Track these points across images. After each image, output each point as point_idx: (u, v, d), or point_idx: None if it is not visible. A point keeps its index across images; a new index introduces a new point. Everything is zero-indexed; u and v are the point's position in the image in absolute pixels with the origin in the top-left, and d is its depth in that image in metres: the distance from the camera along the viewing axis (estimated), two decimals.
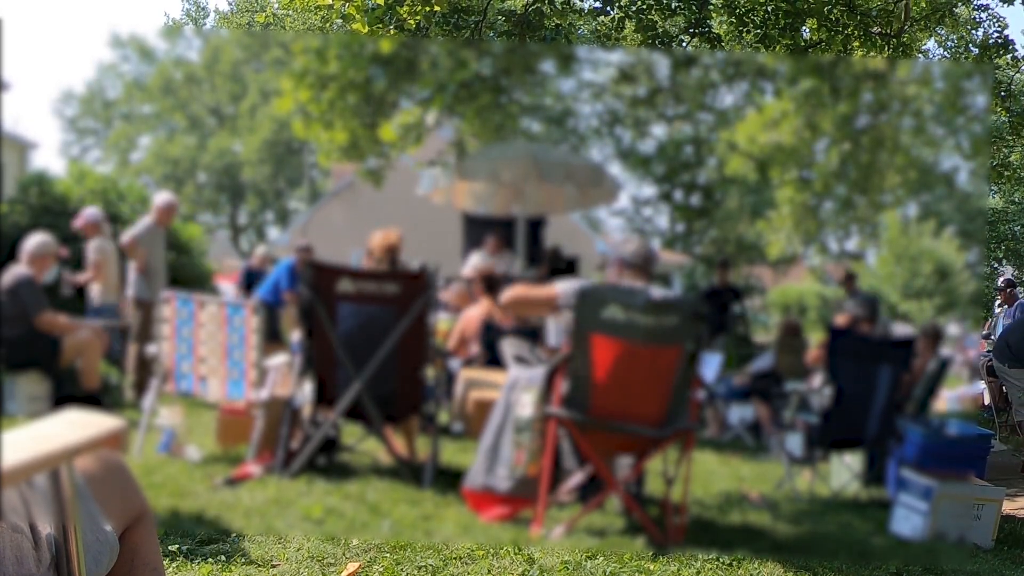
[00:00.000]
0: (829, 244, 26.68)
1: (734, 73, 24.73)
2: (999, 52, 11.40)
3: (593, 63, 26.33)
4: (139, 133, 38.59)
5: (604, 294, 4.31)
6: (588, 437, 4.37)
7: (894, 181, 13.46)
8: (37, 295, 6.83)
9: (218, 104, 37.69)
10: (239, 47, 35.65)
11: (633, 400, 4.30)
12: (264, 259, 11.54)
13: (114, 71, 39.53)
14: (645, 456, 4.58)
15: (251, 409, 5.65)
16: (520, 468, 4.49)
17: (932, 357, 6.69)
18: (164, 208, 8.18)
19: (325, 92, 10.04)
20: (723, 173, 23.88)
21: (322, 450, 5.41)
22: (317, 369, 5.37)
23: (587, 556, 3.72)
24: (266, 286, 8.86)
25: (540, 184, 11.09)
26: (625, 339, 4.24)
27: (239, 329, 5.63)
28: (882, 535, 4.78)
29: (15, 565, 1.66)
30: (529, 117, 24.95)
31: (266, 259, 11.61)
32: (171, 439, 5.63)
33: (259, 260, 11.50)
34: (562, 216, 18.62)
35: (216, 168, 36.37)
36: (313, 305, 5.26)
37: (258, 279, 11.22)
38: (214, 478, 4.99)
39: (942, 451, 5.03)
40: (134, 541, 1.95)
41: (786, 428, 6.26)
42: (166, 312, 5.81)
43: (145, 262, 7.88)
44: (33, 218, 9.32)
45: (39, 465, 1.55)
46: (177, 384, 5.85)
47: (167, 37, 37.24)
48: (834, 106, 11.65)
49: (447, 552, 3.69)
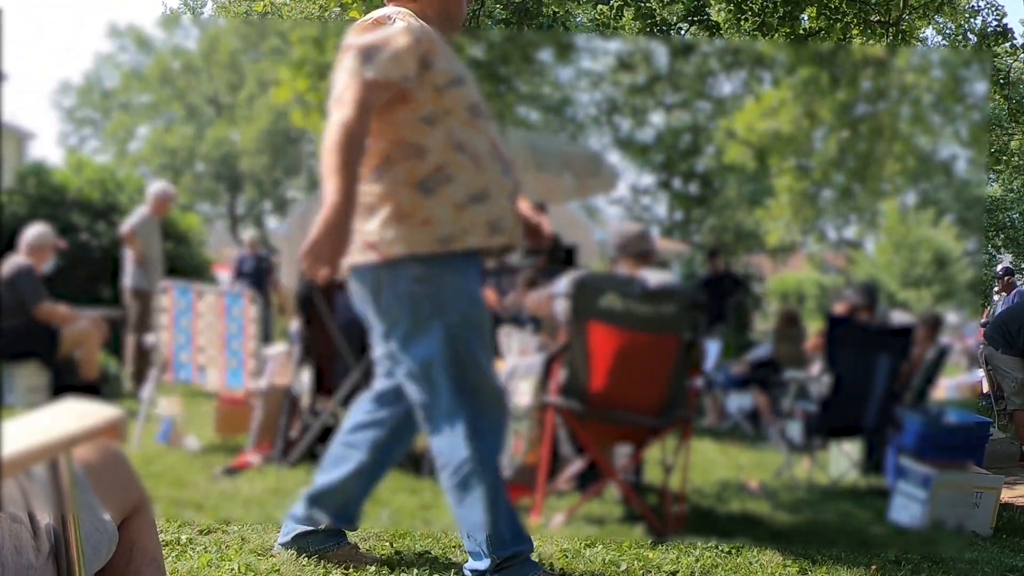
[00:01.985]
0: (828, 232, 26.72)
1: (733, 61, 24.74)
2: (998, 40, 11.37)
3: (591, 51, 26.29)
4: (137, 123, 38.56)
5: (601, 283, 4.31)
6: (586, 426, 4.37)
7: (893, 169, 13.46)
8: (36, 286, 6.83)
9: (216, 94, 37.65)
10: (237, 36, 35.59)
11: (631, 389, 4.30)
12: (254, 245, 11.56)
13: (112, 61, 39.50)
14: (643, 445, 4.59)
15: (250, 398, 5.66)
16: (518, 457, 4.50)
17: (931, 345, 6.70)
18: (160, 198, 8.18)
19: (323, 81, 10.01)
20: (722, 161, 23.88)
21: (321, 439, 5.40)
22: (316, 358, 5.38)
23: (586, 544, 3.73)
24: None
25: (538, 173, 11.07)
26: (622, 327, 4.23)
27: (237, 319, 5.62)
28: (881, 523, 4.79)
29: (14, 555, 1.66)
30: (527, 106, 24.99)
31: (256, 244, 11.62)
32: (170, 429, 5.63)
33: (249, 247, 11.52)
34: (560, 205, 18.63)
35: (214, 158, 36.35)
36: (311, 294, 5.26)
37: (250, 266, 11.23)
38: (213, 468, 5.00)
39: (941, 439, 5.03)
40: (133, 531, 1.95)
41: (785, 416, 6.28)
42: (164, 302, 5.80)
43: (143, 252, 7.87)
44: (31, 208, 9.32)
45: (38, 455, 1.55)
46: (176, 374, 5.85)
47: (165, 27, 37.17)
48: (833, 94, 11.64)
49: (446, 540, 3.70)
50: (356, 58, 2.75)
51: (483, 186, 2.85)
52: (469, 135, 2.87)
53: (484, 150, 2.89)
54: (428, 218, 2.80)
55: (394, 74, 2.76)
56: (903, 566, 3.71)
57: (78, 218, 9.58)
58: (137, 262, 7.86)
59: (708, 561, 3.61)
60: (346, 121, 2.68)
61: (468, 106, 2.90)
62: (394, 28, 2.83)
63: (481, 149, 2.88)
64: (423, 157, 2.81)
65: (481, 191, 2.85)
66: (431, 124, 2.83)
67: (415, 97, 2.82)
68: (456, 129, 2.85)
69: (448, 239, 2.80)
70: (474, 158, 2.86)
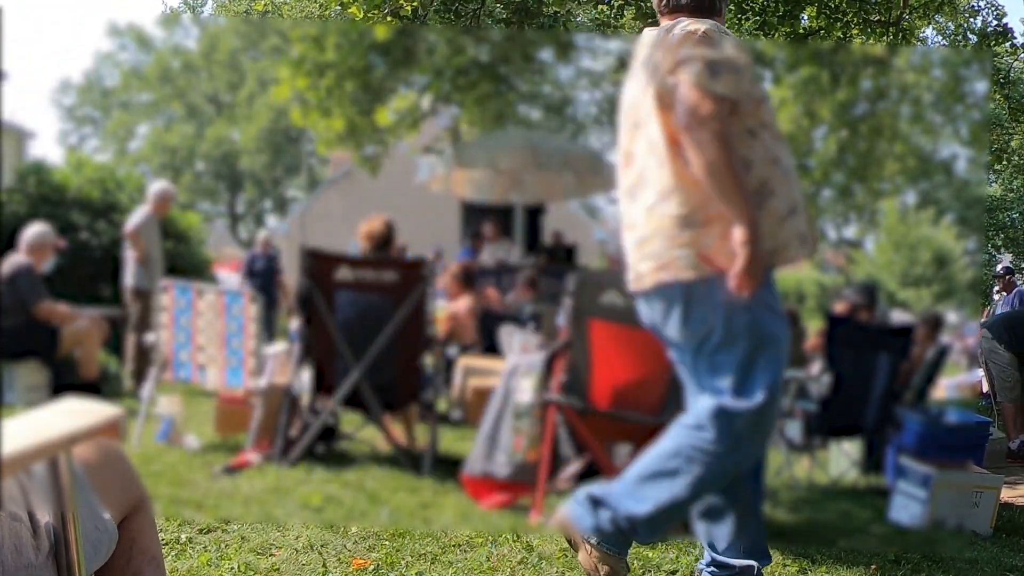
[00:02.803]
0: (828, 232, 26.73)
1: None
2: (998, 40, 11.37)
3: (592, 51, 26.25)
4: (137, 122, 38.57)
5: (603, 279, 4.31)
6: (587, 424, 4.38)
7: (893, 169, 13.45)
8: (36, 284, 6.83)
9: (216, 92, 37.65)
10: (237, 35, 35.61)
11: (632, 387, 4.30)
12: (266, 244, 11.56)
13: (112, 60, 39.51)
14: (644, 443, 4.58)
15: (250, 397, 5.66)
16: (519, 454, 4.50)
17: (931, 345, 6.70)
18: (161, 197, 8.17)
19: (323, 79, 10.01)
20: None
21: (321, 438, 5.41)
22: (316, 357, 5.37)
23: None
24: None
25: (538, 172, 11.09)
26: (624, 324, 4.23)
27: (237, 317, 5.62)
28: (880, 523, 4.79)
29: (14, 554, 1.66)
30: (528, 105, 24.97)
31: (268, 244, 11.62)
32: (170, 428, 5.63)
33: (260, 246, 11.52)
34: (560, 204, 18.64)
35: (214, 156, 36.36)
36: (311, 293, 5.26)
37: (261, 265, 11.24)
38: (213, 467, 5.00)
39: (940, 439, 5.03)
40: (133, 530, 1.95)
41: (785, 416, 6.27)
42: (164, 301, 5.80)
43: (145, 252, 7.87)
44: (31, 207, 9.31)
45: (37, 454, 1.55)
46: (176, 373, 5.85)
47: (165, 26, 37.18)
48: (833, 94, 11.63)
49: (446, 540, 3.70)
50: (704, 73, 2.77)
51: (795, 199, 2.91)
52: (779, 148, 2.93)
53: (789, 164, 2.96)
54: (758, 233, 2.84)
55: (739, 91, 2.82)
56: (903, 566, 3.71)
57: (78, 217, 9.57)
58: (139, 261, 7.86)
59: None
60: (722, 141, 2.73)
61: (774, 120, 2.97)
62: (730, 43, 2.89)
63: (788, 163, 2.95)
64: (749, 170, 2.84)
65: (794, 205, 2.90)
66: (753, 137, 2.88)
67: (742, 110, 2.86)
68: (769, 142, 2.91)
69: (772, 253, 2.85)
70: (785, 172, 2.92)
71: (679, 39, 2.86)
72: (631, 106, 3.00)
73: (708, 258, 2.82)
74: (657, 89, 2.85)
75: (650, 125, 2.88)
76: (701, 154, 2.73)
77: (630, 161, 2.99)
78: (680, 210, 2.82)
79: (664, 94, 2.84)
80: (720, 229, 2.81)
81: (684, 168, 2.81)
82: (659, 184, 2.86)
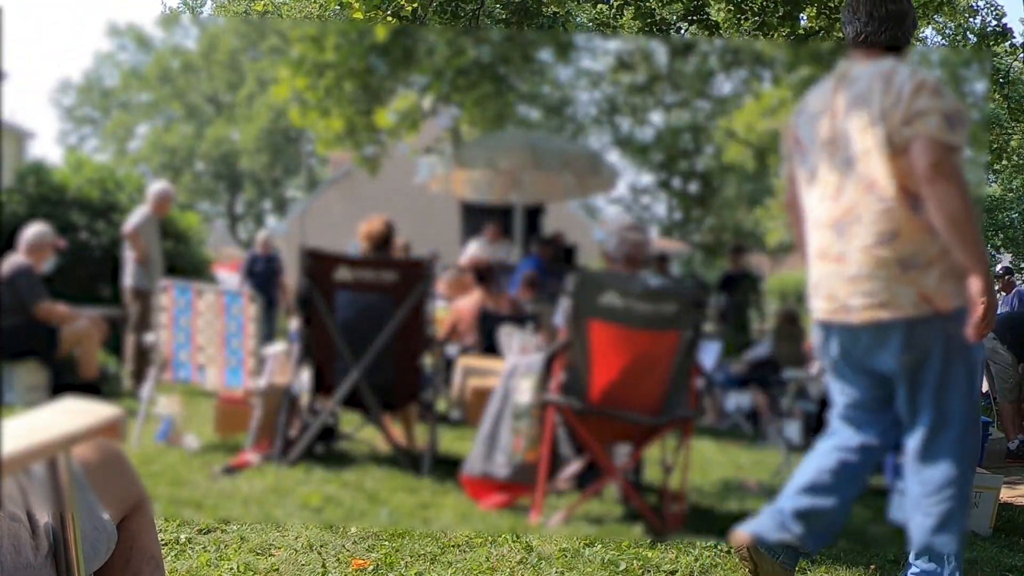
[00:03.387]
0: None
1: (732, 61, 24.74)
2: (997, 40, 11.37)
3: (591, 51, 26.31)
4: (136, 122, 38.60)
5: (602, 280, 4.30)
6: (586, 424, 4.37)
7: None
8: (35, 285, 6.83)
9: (215, 93, 37.66)
10: (236, 35, 35.63)
11: (631, 387, 4.30)
12: (267, 244, 11.52)
13: (112, 60, 39.54)
14: (643, 444, 4.58)
15: (249, 397, 5.65)
16: (518, 455, 4.49)
17: None
18: (160, 197, 8.17)
19: (322, 80, 10.02)
20: (721, 161, 23.88)
21: (320, 438, 5.41)
22: (315, 357, 5.37)
23: (585, 543, 3.73)
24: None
25: (538, 172, 11.07)
26: (623, 325, 4.23)
27: (237, 317, 5.62)
28: (880, 523, 4.79)
29: (12, 554, 1.66)
30: (527, 105, 24.99)
31: (269, 244, 11.59)
32: (169, 428, 5.63)
33: (261, 246, 11.48)
34: (560, 204, 18.64)
35: (213, 157, 36.38)
36: (311, 293, 5.26)
37: (261, 265, 11.21)
38: (212, 467, 5.00)
39: None
40: (132, 530, 1.95)
41: (784, 416, 6.27)
42: (164, 301, 5.80)
43: (144, 252, 7.86)
44: (30, 208, 9.30)
45: (37, 454, 1.55)
46: (175, 373, 5.84)
47: (164, 26, 37.21)
48: None
49: (445, 540, 3.70)
50: (943, 126, 2.86)
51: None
52: None
53: None
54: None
55: (964, 143, 2.94)
56: (903, 566, 3.71)
57: (78, 217, 9.57)
58: (138, 261, 7.85)
59: (707, 560, 3.62)
60: (964, 192, 2.85)
61: None
62: (951, 95, 2.98)
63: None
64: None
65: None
66: None
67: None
68: None
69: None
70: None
71: (912, 90, 2.93)
72: (842, 136, 3.07)
73: (928, 298, 2.96)
74: (888, 136, 2.93)
75: (869, 165, 2.97)
76: (946, 206, 2.84)
77: (839, 195, 3.07)
78: (902, 253, 2.95)
79: (897, 143, 2.92)
80: (939, 271, 2.95)
81: (911, 213, 2.93)
82: (879, 226, 2.97)
